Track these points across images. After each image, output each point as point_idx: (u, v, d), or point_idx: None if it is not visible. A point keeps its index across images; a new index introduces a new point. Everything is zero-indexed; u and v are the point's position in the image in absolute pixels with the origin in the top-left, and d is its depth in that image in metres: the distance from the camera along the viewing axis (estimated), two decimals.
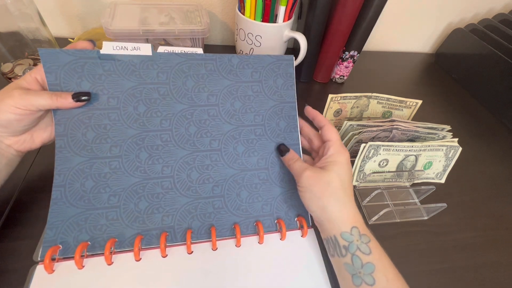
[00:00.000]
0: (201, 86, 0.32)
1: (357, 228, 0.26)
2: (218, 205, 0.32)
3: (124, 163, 0.30)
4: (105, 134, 0.30)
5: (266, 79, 0.34)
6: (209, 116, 0.33)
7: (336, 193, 0.27)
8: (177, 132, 0.32)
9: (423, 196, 0.39)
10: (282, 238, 0.31)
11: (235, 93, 0.33)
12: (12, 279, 0.26)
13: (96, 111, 0.29)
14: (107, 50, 0.29)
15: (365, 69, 0.63)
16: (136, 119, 0.30)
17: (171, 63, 0.31)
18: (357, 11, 0.47)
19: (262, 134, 0.34)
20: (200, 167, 0.32)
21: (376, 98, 0.42)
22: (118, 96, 0.30)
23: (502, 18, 0.63)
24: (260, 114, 0.34)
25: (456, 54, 0.66)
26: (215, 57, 0.33)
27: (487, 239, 0.37)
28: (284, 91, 0.35)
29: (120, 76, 0.30)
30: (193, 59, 0.32)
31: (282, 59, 0.35)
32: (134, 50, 0.30)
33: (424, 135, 0.39)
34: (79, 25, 0.56)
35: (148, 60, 0.31)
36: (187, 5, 0.50)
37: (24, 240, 0.29)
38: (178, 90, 0.32)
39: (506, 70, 0.54)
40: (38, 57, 0.41)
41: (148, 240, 0.29)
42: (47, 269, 0.26)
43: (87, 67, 0.29)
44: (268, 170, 0.33)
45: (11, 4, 0.36)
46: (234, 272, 0.28)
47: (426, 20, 0.69)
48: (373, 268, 0.25)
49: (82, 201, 0.28)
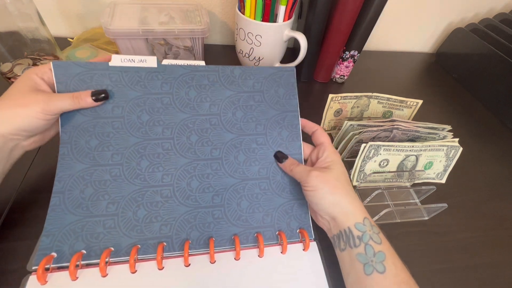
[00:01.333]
0: (203, 96, 0.33)
1: (368, 219, 0.28)
2: (218, 215, 0.31)
3: (124, 171, 0.30)
4: (107, 142, 0.30)
5: (267, 89, 0.35)
6: (211, 125, 0.33)
7: (345, 187, 0.29)
8: (178, 140, 0.32)
9: (423, 196, 0.39)
10: (283, 252, 0.30)
11: (237, 103, 0.34)
12: (10, 280, 0.26)
13: (100, 119, 0.30)
14: (115, 63, 0.31)
15: (365, 69, 0.63)
16: (138, 128, 0.31)
17: (175, 74, 0.32)
18: (357, 11, 0.46)
19: (264, 143, 0.34)
20: (201, 176, 0.32)
21: (377, 98, 0.42)
22: (123, 106, 0.31)
23: (502, 18, 0.62)
24: (261, 124, 0.34)
25: (456, 53, 0.65)
26: (217, 68, 0.34)
27: (487, 239, 0.37)
28: (286, 100, 0.35)
29: (126, 86, 0.31)
30: (196, 70, 0.33)
31: (284, 70, 0.36)
32: (141, 62, 0.31)
33: (424, 135, 0.39)
34: (78, 24, 0.56)
35: (153, 72, 0.32)
36: (187, 5, 0.50)
37: (23, 241, 0.28)
38: (180, 100, 0.32)
39: (507, 70, 0.54)
40: (38, 57, 0.41)
41: (144, 250, 0.28)
42: (40, 280, 0.25)
43: (96, 78, 0.30)
44: (269, 180, 0.33)
45: (10, 4, 0.36)
46: (233, 286, 0.27)
47: (427, 20, 0.69)
48: (384, 256, 0.25)
49: (80, 209, 0.28)
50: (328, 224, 0.29)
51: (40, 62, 0.41)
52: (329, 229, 0.30)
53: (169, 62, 0.32)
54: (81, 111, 0.30)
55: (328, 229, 0.30)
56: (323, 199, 0.28)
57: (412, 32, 0.70)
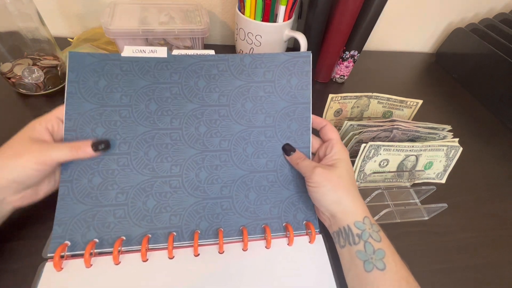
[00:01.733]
0: (212, 86, 0.33)
1: (368, 218, 0.28)
2: (226, 206, 0.31)
3: (132, 160, 0.30)
4: (114, 131, 0.30)
5: (279, 79, 0.33)
6: (220, 116, 0.32)
7: (348, 186, 0.29)
8: (187, 131, 0.32)
9: (423, 196, 0.39)
10: (290, 243, 0.31)
11: (246, 94, 0.33)
12: (12, 279, 0.26)
13: (107, 107, 0.30)
14: (127, 53, 0.31)
15: (365, 69, 0.63)
16: (147, 117, 0.31)
17: (184, 64, 0.32)
18: (357, 11, 0.46)
19: (272, 136, 0.33)
20: (209, 167, 0.32)
21: (377, 98, 0.42)
22: (131, 94, 0.31)
23: (502, 18, 0.62)
24: (271, 116, 0.33)
25: (456, 53, 0.65)
26: (227, 57, 0.33)
27: (487, 239, 0.37)
28: (298, 91, 0.34)
29: (136, 75, 0.31)
30: (206, 60, 0.32)
31: (299, 56, 0.34)
32: (151, 53, 0.32)
33: (424, 135, 0.39)
34: (78, 25, 0.56)
35: (163, 62, 0.32)
36: (187, 5, 0.50)
37: (26, 240, 0.28)
38: (189, 90, 0.32)
39: (506, 70, 0.54)
40: (38, 57, 0.41)
41: (155, 239, 0.29)
42: (56, 267, 0.26)
43: (107, 68, 0.30)
44: (276, 173, 0.33)
45: (10, 4, 0.36)
46: (240, 276, 0.28)
47: (427, 20, 0.69)
48: (383, 253, 0.26)
49: (89, 198, 0.29)
50: (329, 220, 0.30)
51: (40, 62, 0.41)
52: (330, 226, 0.30)
53: (179, 53, 0.32)
54: (87, 98, 0.30)
55: (329, 225, 0.30)
56: (324, 196, 0.29)
57: (412, 32, 0.70)
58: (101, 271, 0.27)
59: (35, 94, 0.43)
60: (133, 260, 0.28)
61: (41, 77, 0.41)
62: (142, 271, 0.27)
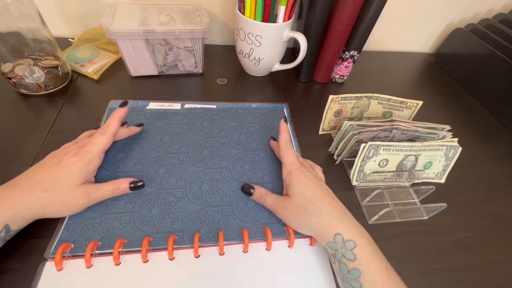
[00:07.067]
0: (214, 125, 0.43)
1: (341, 234, 0.27)
2: (227, 212, 0.33)
3: (143, 177, 0.35)
4: (131, 155, 0.37)
5: (264, 122, 0.45)
6: (220, 144, 0.40)
7: (306, 211, 0.29)
8: (192, 154, 0.38)
9: (423, 196, 0.39)
10: (290, 246, 0.31)
11: (241, 129, 0.43)
12: (12, 279, 0.26)
13: (128, 139, 0.38)
14: (151, 107, 0.43)
15: (365, 69, 0.63)
16: (159, 145, 0.39)
17: (193, 113, 0.44)
18: (357, 11, 0.47)
19: (265, 157, 0.40)
20: (211, 181, 0.36)
21: (377, 99, 0.42)
22: (149, 131, 0.40)
23: (502, 18, 0.63)
24: (262, 143, 0.42)
25: (456, 54, 0.66)
26: (225, 108, 0.45)
27: (487, 239, 0.37)
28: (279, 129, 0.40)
29: (155, 120, 0.42)
30: (209, 110, 0.45)
31: (276, 109, 0.48)
32: (169, 106, 0.44)
33: (424, 135, 0.39)
34: (79, 25, 0.56)
35: (177, 112, 0.43)
36: (187, 5, 0.50)
37: (26, 240, 0.28)
38: (196, 128, 0.42)
39: (506, 70, 0.54)
40: (38, 57, 0.41)
41: (156, 242, 0.30)
42: (57, 265, 0.26)
43: (135, 115, 0.42)
44: (272, 184, 0.37)
45: (11, 4, 0.36)
46: (240, 277, 0.28)
47: (426, 20, 0.69)
48: (358, 273, 0.25)
49: (101, 207, 0.31)
50: None
51: (41, 62, 0.41)
52: None
53: (190, 106, 0.45)
54: None
55: None
56: (295, 225, 0.30)
57: (411, 32, 0.71)
58: (101, 272, 0.27)
59: (36, 94, 0.43)
60: (133, 261, 0.28)
61: (42, 77, 0.41)
62: (142, 272, 0.27)
